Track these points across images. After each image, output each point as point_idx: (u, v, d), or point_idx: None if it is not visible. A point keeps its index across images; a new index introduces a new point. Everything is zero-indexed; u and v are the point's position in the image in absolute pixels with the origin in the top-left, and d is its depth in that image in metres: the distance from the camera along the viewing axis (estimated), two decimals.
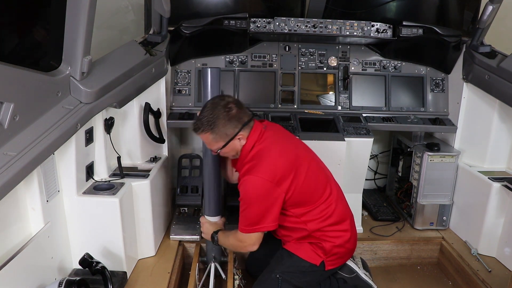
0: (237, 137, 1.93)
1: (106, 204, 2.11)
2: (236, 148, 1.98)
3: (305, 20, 2.86)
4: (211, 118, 1.89)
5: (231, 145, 1.95)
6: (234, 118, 1.90)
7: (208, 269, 2.38)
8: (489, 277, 2.42)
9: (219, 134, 1.91)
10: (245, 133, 1.95)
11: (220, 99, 1.94)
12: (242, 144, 1.96)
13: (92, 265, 1.87)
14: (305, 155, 2.06)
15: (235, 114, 1.91)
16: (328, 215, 2.04)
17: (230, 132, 1.91)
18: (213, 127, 1.89)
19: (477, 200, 2.68)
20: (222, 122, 1.89)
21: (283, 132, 2.14)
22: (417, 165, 2.91)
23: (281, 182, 1.89)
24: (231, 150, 1.98)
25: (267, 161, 1.89)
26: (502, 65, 2.48)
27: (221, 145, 1.94)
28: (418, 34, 2.85)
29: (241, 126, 1.92)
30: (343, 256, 2.14)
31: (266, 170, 1.87)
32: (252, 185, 1.86)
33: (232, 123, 1.90)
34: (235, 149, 1.98)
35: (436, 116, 3.01)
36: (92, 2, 1.70)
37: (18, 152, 1.53)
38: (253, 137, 1.96)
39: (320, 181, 2.06)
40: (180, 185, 2.97)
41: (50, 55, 1.79)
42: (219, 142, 1.93)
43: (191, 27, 2.69)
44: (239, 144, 1.96)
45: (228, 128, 1.90)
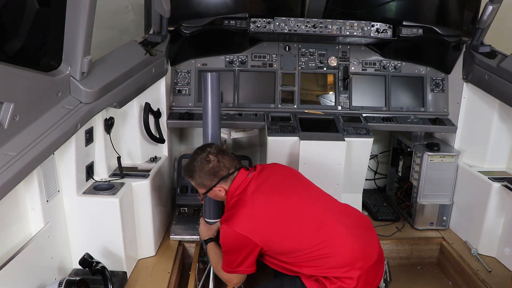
0: (215, 188, 1.99)
1: (106, 204, 2.11)
2: (218, 196, 2.04)
3: (305, 20, 2.86)
4: (191, 167, 1.99)
5: (212, 193, 2.03)
6: (210, 171, 1.96)
7: (208, 269, 2.38)
8: (489, 277, 2.42)
9: (198, 182, 2.00)
10: (225, 185, 1.99)
11: (202, 150, 2.00)
12: (222, 193, 2.01)
13: (92, 265, 1.87)
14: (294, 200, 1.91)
15: (211, 168, 1.96)
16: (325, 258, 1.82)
17: (207, 184, 1.99)
18: (192, 176, 1.99)
19: (477, 200, 2.68)
20: (198, 174, 1.97)
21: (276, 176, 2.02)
22: (417, 165, 2.91)
23: (256, 234, 1.82)
24: (214, 196, 2.07)
25: (243, 212, 1.87)
26: (502, 65, 2.48)
27: (203, 191, 2.03)
28: (418, 34, 2.85)
29: (218, 180, 1.97)
30: None
31: (241, 222, 1.84)
32: (227, 235, 1.88)
33: (208, 176, 1.97)
34: (217, 196, 2.06)
35: (436, 116, 3.01)
36: (92, 2, 1.70)
37: (18, 152, 1.52)
38: (233, 187, 1.98)
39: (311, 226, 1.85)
40: (180, 185, 2.97)
41: (50, 55, 1.79)
42: (202, 189, 2.02)
43: (191, 27, 2.69)
44: (219, 193, 2.01)
45: (205, 180, 1.98)
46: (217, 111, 2.30)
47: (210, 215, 2.36)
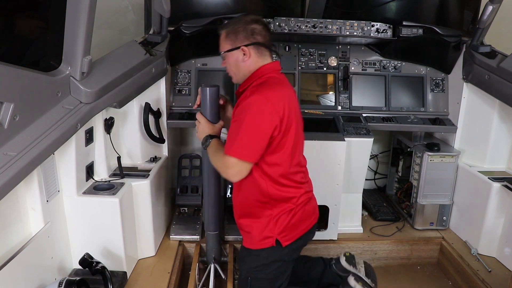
0: (242, 50, 1.88)
1: (106, 204, 2.11)
2: (237, 63, 1.92)
3: (305, 20, 2.86)
4: (236, 20, 1.92)
5: (234, 55, 1.91)
6: (251, 30, 1.88)
7: (208, 270, 2.39)
8: (489, 277, 2.42)
9: (230, 34, 1.90)
10: (253, 53, 1.90)
11: (256, 16, 1.94)
12: (244, 62, 1.90)
13: (92, 265, 1.87)
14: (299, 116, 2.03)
15: (253, 28, 1.89)
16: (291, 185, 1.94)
17: (240, 39, 1.89)
18: (231, 28, 1.90)
19: (477, 200, 2.68)
20: (239, 27, 1.88)
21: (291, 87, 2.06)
22: (417, 165, 2.91)
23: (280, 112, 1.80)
24: (232, 62, 1.93)
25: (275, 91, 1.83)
26: (502, 65, 2.48)
27: (227, 48, 1.91)
28: (418, 34, 2.85)
29: (252, 41, 1.88)
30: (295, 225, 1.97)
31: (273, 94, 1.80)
32: (255, 102, 1.77)
33: (245, 32, 1.88)
34: (236, 64, 1.92)
35: (436, 116, 3.01)
36: (92, 2, 1.70)
37: (18, 152, 1.52)
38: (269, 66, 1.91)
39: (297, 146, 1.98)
40: (180, 185, 2.97)
41: (50, 55, 1.79)
42: (227, 44, 1.91)
43: (191, 27, 2.69)
44: (241, 59, 1.90)
45: (240, 35, 1.88)
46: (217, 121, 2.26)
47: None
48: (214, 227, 2.41)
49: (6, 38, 1.63)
